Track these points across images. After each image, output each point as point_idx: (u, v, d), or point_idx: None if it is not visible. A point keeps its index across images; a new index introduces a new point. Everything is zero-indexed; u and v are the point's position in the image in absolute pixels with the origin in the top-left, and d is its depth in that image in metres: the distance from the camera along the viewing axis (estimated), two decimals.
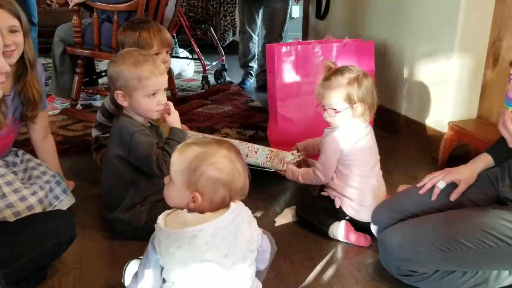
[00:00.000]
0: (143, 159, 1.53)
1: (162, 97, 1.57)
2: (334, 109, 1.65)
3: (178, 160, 1.04)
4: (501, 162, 1.50)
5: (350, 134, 1.68)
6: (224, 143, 1.07)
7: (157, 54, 1.95)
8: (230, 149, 1.05)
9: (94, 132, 2.06)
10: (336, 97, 1.65)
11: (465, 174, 1.50)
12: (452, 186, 1.51)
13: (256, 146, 1.89)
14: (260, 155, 1.86)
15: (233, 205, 1.05)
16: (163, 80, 1.56)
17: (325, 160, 1.72)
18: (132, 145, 1.54)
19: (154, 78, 1.52)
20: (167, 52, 2.02)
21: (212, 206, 1.04)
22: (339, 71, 1.67)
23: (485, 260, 1.30)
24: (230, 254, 1.03)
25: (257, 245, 1.12)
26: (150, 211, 1.59)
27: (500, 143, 1.52)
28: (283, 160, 1.84)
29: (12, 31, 1.55)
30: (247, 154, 1.90)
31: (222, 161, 1.03)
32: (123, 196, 1.60)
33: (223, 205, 1.05)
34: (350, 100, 1.64)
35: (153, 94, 1.54)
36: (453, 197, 1.49)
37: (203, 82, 3.85)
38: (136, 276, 1.11)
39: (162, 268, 1.06)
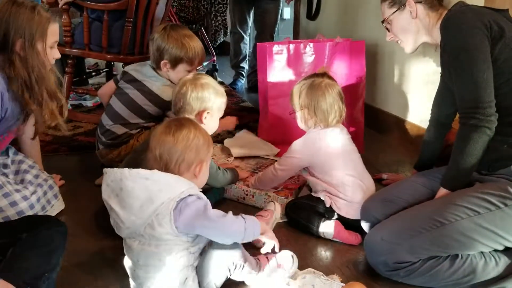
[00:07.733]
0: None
1: None
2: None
3: None
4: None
5: (315, 140, 1.72)
6: None
7: (189, 71, 1.93)
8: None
9: (120, 129, 1.98)
10: (291, 99, 1.79)
11: None
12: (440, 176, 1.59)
13: (252, 190, 1.89)
14: (257, 199, 1.87)
15: None
16: None
17: (288, 158, 1.77)
18: None
19: None
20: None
21: None
22: (308, 76, 1.79)
23: (461, 235, 1.34)
24: None
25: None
26: None
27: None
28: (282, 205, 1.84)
29: None
30: (244, 197, 1.90)
31: None
32: None
33: None
34: (297, 104, 1.75)
35: None
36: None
37: None
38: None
39: None
